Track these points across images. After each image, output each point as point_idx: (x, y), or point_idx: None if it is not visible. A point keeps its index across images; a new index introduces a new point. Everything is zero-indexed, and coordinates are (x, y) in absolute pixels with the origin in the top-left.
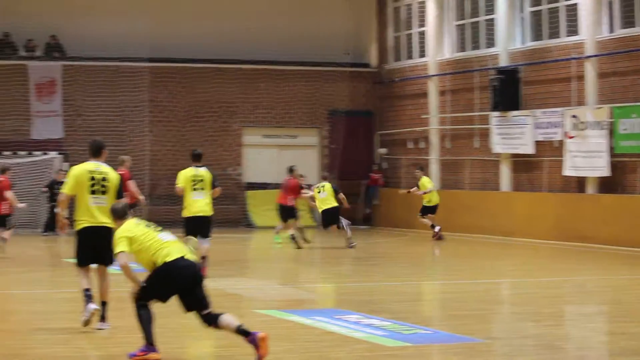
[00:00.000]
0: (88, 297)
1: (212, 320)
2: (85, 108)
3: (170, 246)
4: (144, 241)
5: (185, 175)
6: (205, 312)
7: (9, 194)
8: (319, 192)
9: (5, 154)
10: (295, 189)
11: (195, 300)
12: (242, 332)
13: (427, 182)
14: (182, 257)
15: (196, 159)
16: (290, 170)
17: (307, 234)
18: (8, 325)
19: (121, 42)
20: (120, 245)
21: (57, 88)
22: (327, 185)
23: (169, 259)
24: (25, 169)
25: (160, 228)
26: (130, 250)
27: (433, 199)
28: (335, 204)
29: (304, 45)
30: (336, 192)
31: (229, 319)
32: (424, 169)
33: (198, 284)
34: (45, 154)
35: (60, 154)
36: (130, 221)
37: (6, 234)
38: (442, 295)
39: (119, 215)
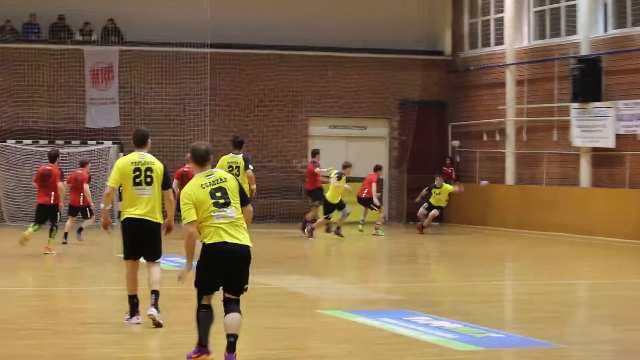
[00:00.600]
0: (133, 308)
1: (229, 308)
2: (144, 96)
3: (217, 228)
4: (201, 210)
5: (221, 162)
6: (233, 297)
7: (86, 187)
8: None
9: (58, 142)
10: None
11: (231, 280)
12: (229, 344)
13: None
14: (224, 242)
15: (237, 146)
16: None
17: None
18: (61, 324)
19: (181, 26)
20: (186, 214)
21: (114, 74)
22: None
23: (208, 240)
24: (79, 159)
25: (223, 201)
26: (198, 218)
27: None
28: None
29: (374, 31)
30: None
31: (234, 321)
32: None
33: (239, 267)
34: (100, 143)
35: (115, 143)
36: (200, 178)
37: (86, 222)
38: (516, 297)
39: (198, 158)
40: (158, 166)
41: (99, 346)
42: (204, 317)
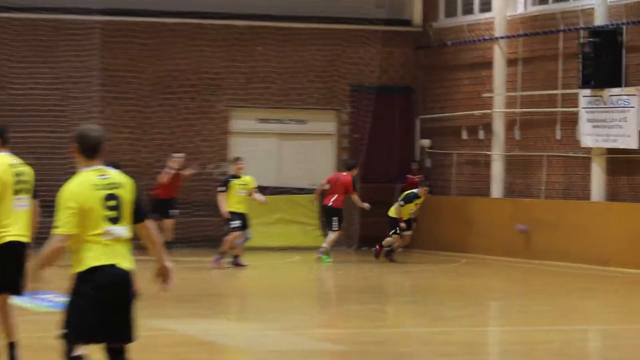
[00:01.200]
0: None
1: None
2: (12, 78)
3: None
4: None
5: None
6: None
7: None
8: None
9: None
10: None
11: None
12: None
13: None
14: (113, 265)
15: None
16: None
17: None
18: None
19: None
20: (64, 222)
21: None
22: None
23: (91, 263)
24: None
25: (116, 215)
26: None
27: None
28: None
29: None
30: None
31: None
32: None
33: (126, 303)
34: None
35: None
36: (90, 176)
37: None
38: (505, 348)
39: (88, 147)
40: (29, 171)
41: None
42: None
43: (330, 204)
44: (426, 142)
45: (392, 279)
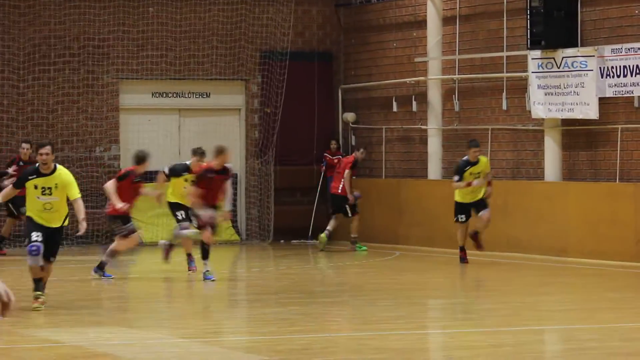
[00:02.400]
0: None
1: None
2: None
3: None
4: None
5: None
6: None
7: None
8: None
9: None
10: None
11: None
12: None
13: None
14: None
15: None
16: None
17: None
18: None
19: None
20: None
21: None
22: None
23: None
24: None
25: None
26: None
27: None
28: None
29: None
30: None
31: None
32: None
33: None
34: None
35: None
36: None
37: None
38: (447, 353)
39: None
40: None
41: None
42: None
43: (339, 191)
44: (350, 116)
45: (314, 276)
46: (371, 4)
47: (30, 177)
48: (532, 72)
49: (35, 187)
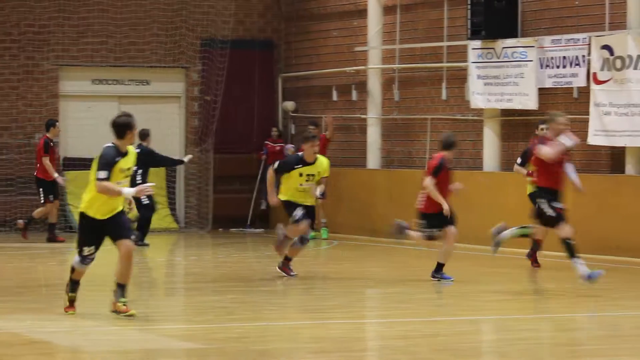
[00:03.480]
0: None
1: None
2: None
3: None
4: None
5: None
6: None
7: None
8: None
9: None
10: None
11: None
12: None
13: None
14: None
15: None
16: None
17: None
18: None
19: None
20: None
21: None
22: None
23: None
24: None
25: None
26: None
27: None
28: None
29: None
30: None
31: None
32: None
33: None
34: None
35: None
36: None
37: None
38: (384, 343)
39: None
40: None
41: None
42: None
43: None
44: (290, 105)
45: (252, 265)
46: None
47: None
48: (472, 62)
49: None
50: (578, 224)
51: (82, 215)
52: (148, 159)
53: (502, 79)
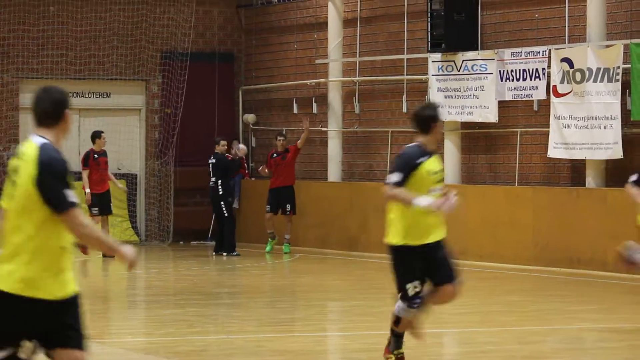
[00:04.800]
0: None
1: None
2: None
3: None
4: None
5: None
6: None
7: None
8: None
9: None
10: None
11: None
12: None
13: None
14: None
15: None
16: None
17: None
18: None
19: None
20: None
21: None
22: None
23: None
24: None
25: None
26: None
27: None
28: None
29: None
30: None
31: None
32: None
33: None
34: None
35: None
36: None
37: None
38: (345, 356)
39: None
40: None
41: None
42: None
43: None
44: (250, 117)
45: (213, 278)
46: (272, 5)
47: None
48: (433, 75)
49: None
50: (538, 236)
51: (396, 249)
52: (225, 166)
53: (463, 91)
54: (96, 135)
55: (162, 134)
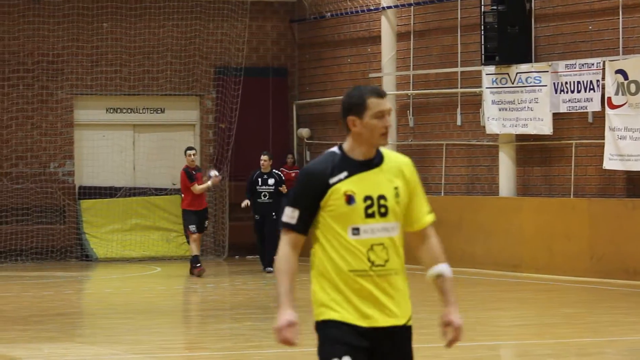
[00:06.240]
0: None
1: None
2: None
3: None
4: None
5: None
6: None
7: None
8: None
9: None
10: None
11: None
12: None
13: None
14: None
15: None
16: None
17: None
18: None
19: None
20: None
21: None
22: None
23: None
24: None
25: None
26: None
27: None
28: None
29: None
30: None
31: None
32: None
33: None
34: None
35: None
36: None
37: None
38: None
39: None
40: None
41: None
42: None
43: None
44: (305, 132)
45: (269, 291)
46: (325, 19)
47: None
48: (487, 88)
49: None
50: (594, 248)
51: None
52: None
53: (517, 104)
54: (185, 151)
55: (217, 148)
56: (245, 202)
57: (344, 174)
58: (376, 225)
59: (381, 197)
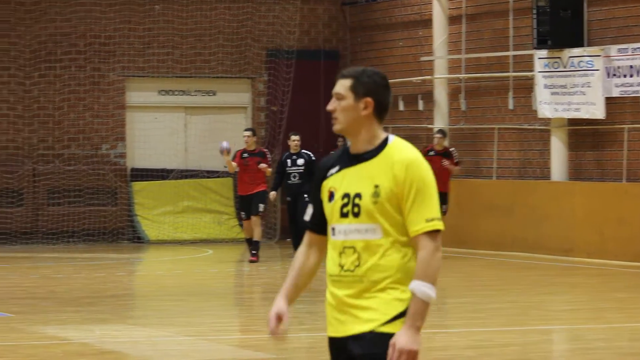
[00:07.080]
0: None
1: None
2: None
3: None
4: None
5: None
6: None
7: None
8: None
9: None
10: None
11: None
12: None
13: None
14: None
15: None
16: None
17: None
18: None
19: None
20: None
21: None
22: None
23: None
24: None
25: None
26: None
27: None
28: None
29: None
30: None
31: None
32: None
33: None
34: None
35: None
36: None
37: None
38: (456, 353)
39: None
40: None
41: None
42: None
43: None
44: None
45: (321, 274)
46: (377, 2)
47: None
48: (539, 72)
49: None
50: None
51: None
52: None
53: (569, 88)
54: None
55: (269, 131)
56: (273, 194)
57: (336, 168)
58: (349, 226)
59: (357, 195)
